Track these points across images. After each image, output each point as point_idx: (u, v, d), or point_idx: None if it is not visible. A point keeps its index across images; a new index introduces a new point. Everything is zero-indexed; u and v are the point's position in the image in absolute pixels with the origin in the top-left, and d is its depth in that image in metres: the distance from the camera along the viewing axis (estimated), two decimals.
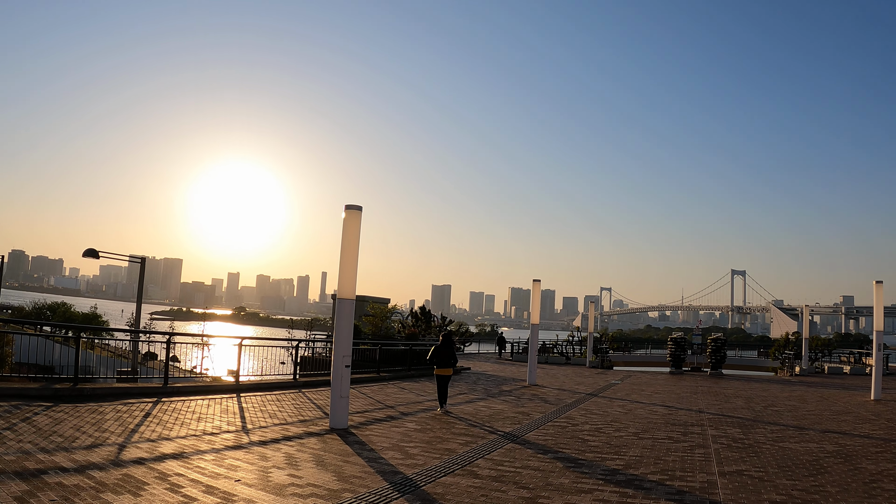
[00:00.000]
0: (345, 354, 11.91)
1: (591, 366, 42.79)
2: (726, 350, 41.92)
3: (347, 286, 12.08)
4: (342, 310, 11.97)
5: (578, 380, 29.41)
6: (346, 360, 11.94)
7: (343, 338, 11.97)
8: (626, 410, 18.05)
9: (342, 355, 11.87)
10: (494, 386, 24.11)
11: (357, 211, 12.43)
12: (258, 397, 16.32)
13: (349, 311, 12.04)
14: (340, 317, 11.99)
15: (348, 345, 12.06)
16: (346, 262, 12.19)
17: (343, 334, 11.99)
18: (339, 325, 11.99)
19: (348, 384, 12.08)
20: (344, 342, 11.98)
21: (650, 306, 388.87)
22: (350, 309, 12.05)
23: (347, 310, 12.03)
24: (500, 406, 17.66)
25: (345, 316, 12.02)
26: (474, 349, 54.79)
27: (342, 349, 11.94)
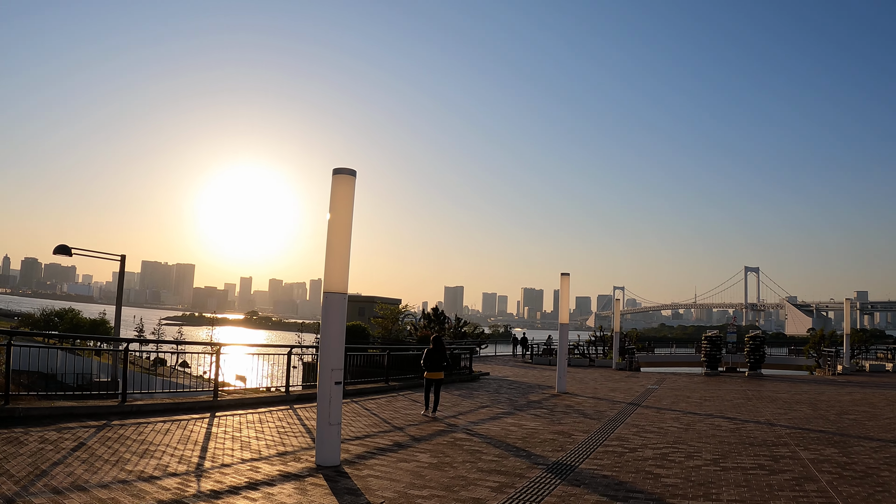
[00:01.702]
0: (335, 367, 8.83)
1: (617, 368, 39.68)
2: (765, 349, 38.72)
3: (337, 275, 9.04)
4: (331, 308, 8.95)
5: (610, 385, 26.32)
6: (337, 375, 8.86)
7: (332, 345, 8.90)
8: (685, 426, 14.94)
9: (331, 368, 8.80)
10: (520, 395, 21.01)
11: (349, 176, 9.39)
12: (237, 417, 13.31)
13: (340, 309, 8.98)
14: (329, 317, 8.96)
15: (339, 355, 8.98)
16: (334, 243, 9.16)
17: (332, 341, 8.91)
18: (328, 328, 8.94)
19: (339, 406, 8.98)
20: (333, 351, 8.91)
21: (663, 305, 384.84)
22: (341, 306, 8.99)
23: (338, 308, 8.98)
24: (533, 423, 14.56)
25: (334, 316, 8.98)
26: (490, 351, 51.64)
27: (331, 360, 8.87)
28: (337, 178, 9.35)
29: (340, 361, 8.89)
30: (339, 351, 8.90)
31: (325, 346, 8.85)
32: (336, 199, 9.28)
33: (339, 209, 9.26)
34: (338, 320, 8.92)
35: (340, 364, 8.87)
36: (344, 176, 9.35)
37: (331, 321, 8.90)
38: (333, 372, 8.76)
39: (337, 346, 8.89)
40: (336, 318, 8.92)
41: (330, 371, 8.74)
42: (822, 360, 43.87)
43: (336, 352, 8.88)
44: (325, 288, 8.96)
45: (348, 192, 9.33)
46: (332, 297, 8.93)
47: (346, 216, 9.26)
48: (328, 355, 8.83)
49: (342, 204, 9.29)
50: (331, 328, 8.88)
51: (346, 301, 8.95)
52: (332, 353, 8.87)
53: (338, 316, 8.93)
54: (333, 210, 9.24)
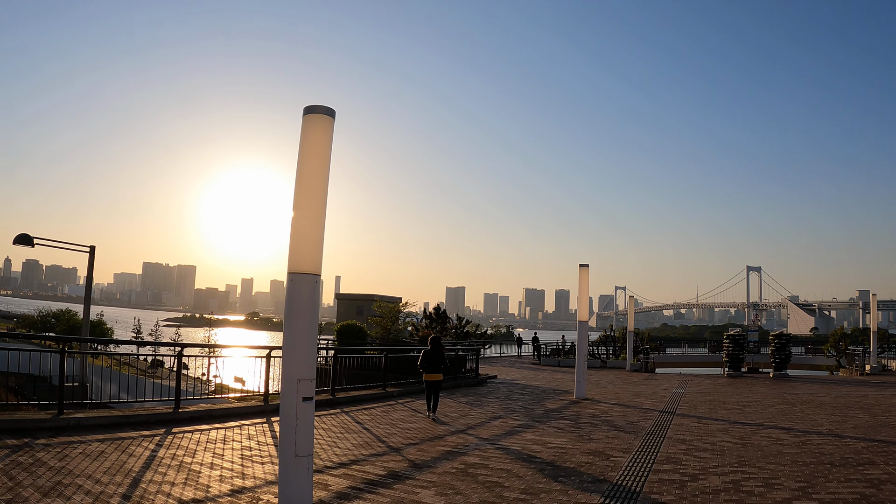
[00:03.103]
0: (303, 378, 6.30)
1: (632, 369, 37.21)
2: (790, 348, 36.27)
3: (307, 250, 6.55)
4: (298, 294, 6.45)
5: (632, 389, 23.88)
6: (307, 389, 6.31)
7: (300, 347, 6.37)
8: (739, 440, 12.48)
9: (297, 379, 6.29)
10: (535, 402, 18.52)
11: (324, 118, 6.92)
12: (198, 435, 10.84)
13: (310, 296, 6.47)
14: (295, 307, 6.45)
15: (310, 360, 6.43)
16: (304, 207, 6.68)
17: (300, 340, 6.38)
18: (294, 322, 6.43)
19: (310, 431, 6.44)
20: (301, 355, 6.37)
21: (665, 304, 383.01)
22: (312, 292, 6.49)
23: (308, 294, 6.48)
24: (558, 440, 12.06)
25: (303, 306, 6.48)
26: (495, 352, 49.20)
27: (298, 368, 6.34)
28: (310, 121, 6.87)
29: (312, 370, 6.37)
30: (309, 354, 6.39)
31: (289, 349, 6.35)
32: (307, 149, 6.80)
33: (311, 162, 6.79)
34: (307, 312, 6.43)
35: (311, 373, 6.35)
36: (318, 117, 6.87)
37: (298, 313, 6.41)
38: (301, 385, 6.24)
39: (306, 347, 6.38)
40: (305, 309, 6.42)
41: (296, 383, 6.23)
42: (848, 359, 41.54)
43: (305, 356, 6.36)
44: (291, 267, 6.47)
45: (323, 139, 6.85)
46: (299, 280, 6.44)
47: (319, 172, 6.79)
48: (294, 361, 6.32)
49: (315, 155, 6.81)
50: (298, 322, 6.38)
51: (318, 285, 6.49)
52: (300, 357, 6.35)
53: (308, 306, 6.44)
54: (304, 162, 6.77)
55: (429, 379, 14.86)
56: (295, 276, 6.43)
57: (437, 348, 15.21)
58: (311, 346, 6.35)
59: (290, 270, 6.46)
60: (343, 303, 49.27)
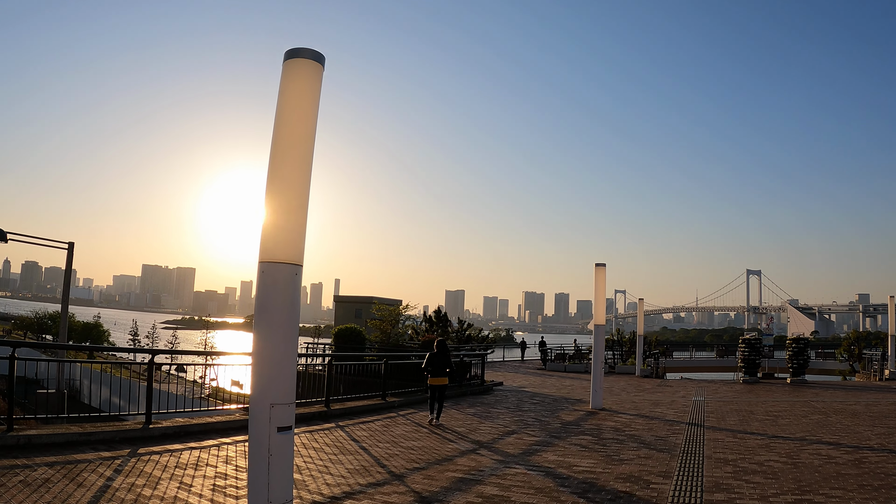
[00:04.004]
0: (278, 402, 4.72)
1: (642, 374, 35.78)
2: (808, 352, 34.79)
3: (284, 235, 5.03)
4: (271, 290, 4.94)
5: (648, 397, 22.36)
6: (284, 416, 4.73)
7: (275, 361, 4.82)
8: (787, 458, 10.99)
9: (270, 403, 4.73)
10: (548, 413, 16.98)
11: (312, 63, 5.38)
12: (167, 457, 9.29)
13: (288, 291, 4.95)
14: (267, 308, 4.94)
15: (288, 377, 4.89)
16: (282, 177, 5.16)
17: (275, 351, 4.83)
18: (266, 327, 4.90)
19: (288, 472, 4.88)
20: (277, 370, 4.82)
21: (665, 308, 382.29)
22: (289, 287, 4.97)
23: (285, 289, 4.95)
24: (584, 461, 10.51)
25: (280, 304, 4.96)
26: (497, 356, 47.65)
27: (271, 387, 4.78)
28: (293, 68, 5.35)
29: (289, 389, 4.83)
30: (286, 369, 4.85)
31: (260, 362, 4.81)
32: (289, 104, 5.27)
33: (293, 122, 5.27)
34: (284, 313, 4.92)
35: (289, 393, 4.81)
36: (304, 63, 5.35)
37: (272, 314, 4.91)
38: (276, 411, 4.70)
39: (283, 360, 4.84)
40: (281, 310, 4.91)
41: (268, 409, 4.68)
42: (866, 363, 40.09)
43: (282, 371, 4.82)
44: (264, 254, 4.96)
45: (309, 91, 5.33)
46: (273, 272, 4.94)
47: (303, 134, 5.26)
48: (266, 378, 4.78)
49: (298, 113, 5.29)
50: (272, 326, 4.85)
51: (298, 279, 4.97)
52: (275, 373, 4.81)
53: (285, 304, 4.92)
54: (283, 123, 5.25)
55: (434, 383, 14.35)
56: (268, 266, 4.93)
57: (442, 352, 14.75)
58: (288, 357, 4.84)
59: (261, 259, 4.94)
60: (341, 305, 47.79)
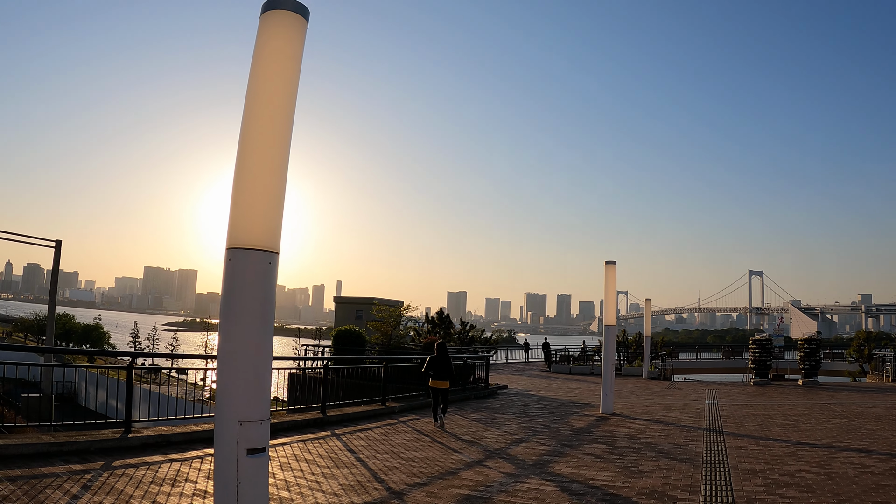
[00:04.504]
0: (247, 419, 3.86)
1: (649, 376, 34.91)
2: (821, 353, 33.89)
3: (257, 214, 4.19)
4: (240, 281, 4.10)
5: (658, 400, 21.51)
6: (256, 435, 3.87)
7: (241, 366, 3.97)
8: (817, 467, 10.17)
9: (237, 420, 3.88)
10: (557, 418, 16.13)
11: (294, 17, 4.54)
12: (147, 470, 8.44)
13: (260, 284, 4.11)
14: (236, 302, 4.09)
15: (259, 388, 4.03)
16: (256, 147, 4.34)
17: (240, 356, 3.98)
18: (234, 325, 4.06)
19: (263, 501, 4.03)
20: (244, 379, 3.97)
21: (667, 309, 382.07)
22: (263, 277, 4.13)
23: (256, 283, 4.12)
24: (601, 473, 9.65)
25: (248, 300, 4.11)
26: (500, 358, 46.76)
27: (239, 400, 3.93)
28: (271, 22, 4.52)
29: (262, 403, 4.01)
30: (258, 378, 4.00)
31: (225, 368, 3.97)
32: (266, 62, 4.44)
33: (271, 82, 4.44)
34: (257, 308, 4.07)
35: (262, 408, 3.98)
36: (284, 16, 4.52)
37: (241, 309, 4.07)
38: (245, 430, 3.86)
39: (254, 367, 3.99)
40: (252, 304, 4.07)
41: (235, 427, 3.84)
42: (877, 364, 39.23)
43: (253, 381, 3.98)
44: (233, 239, 4.12)
45: (291, 48, 4.50)
46: (243, 260, 4.11)
47: (282, 98, 4.43)
48: (234, 389, 3.94)
49: (278, 71, 4.46)
50: (240, 324, 4.02)
51: (274, 268, 4.14)
52: (245, 383, 3.97)
53: (258, 298, 4.08)
54: (259, 83, 4.42)
55: (435, 386, 14.29)
56: (237, 253, 4.09)
57: (443, 354, 14.60)
58: (261, 364, 3.99)
59: (229, 245, 4.11)
60: (341, 307, 46.94)
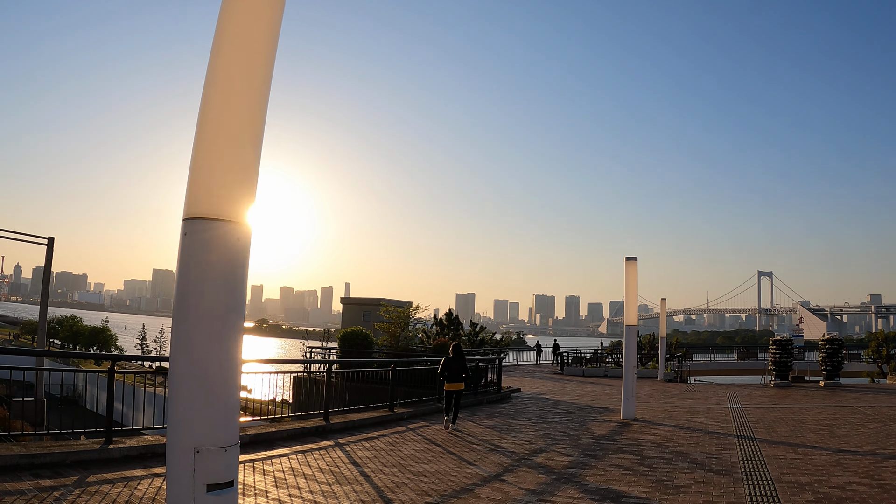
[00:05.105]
0: (204, 444, 2.95)
1: (665, 379, 33.87)
2: (843, 354, 32.82)
3: (221, 177, 3.26)
4: (200, 259, 3.17)
5: (679, 404, 20.50)
6: (217, 468, 2.97)
7: (198, 372, 3.04)
8: (868, 479, 9.24)
9: (193, 447, 2.95)
10: (576, 424, 15.15)
11: None
12: (123, 487, 7.52)
13: (228, 260, 3.19)
14: (193, 285, 3.18)
15: (226, 403, 3.12)
16: (224, 95, 3.42)
17: (197, 360, 3.05)
18: (191, 315, 3.14)
19: None
20: (202, 389, 3.05)
21: (676, 310, 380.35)
22: (230, 252, 3.20)
23: (222, 261, 3.19)
24: (634, 488, 8.63)
25: (214, 278, 3.18)
26: (511, 360, 45.73)
27: (195, 419, 3.02)
28: None
29: (229, 424, 3.07)
30: (224, 391, 3.07)
31: (180, 378, 3.03)
32: None
33: (248, 9, 3.48)
34: (224, 295, 3.19)
35: (229, 430, 3.06)
36: None
37: (203, 297, 3.16)
38: (204, 458, 2.93)
39: (220, 377, 3.06)
40: (218, 290, 3.17)
41: (191, 455, 2.92)
42: (892, 366, 38.15)
43: (215, 394, 3.05)
44: (191, 208, 3.21)
45: None
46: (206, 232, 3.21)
47: (261, 30, 3.52)
48: (190, 404, 3.02)
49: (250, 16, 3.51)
50: (202, 323, 3.10)
51: (243, 244, 3.21)
52: (205, 396, 3.05)
53: (223, 283, 3.18)
54: (232, 11, 3.46)
55: (450, 388, 14.15)
56: (196, 225, 3.16)
57: (458, 356, 14.40)
58: (226, 370, 3.04)
59: (187, 215, 3.18)
60: (349, 308, 46.18)
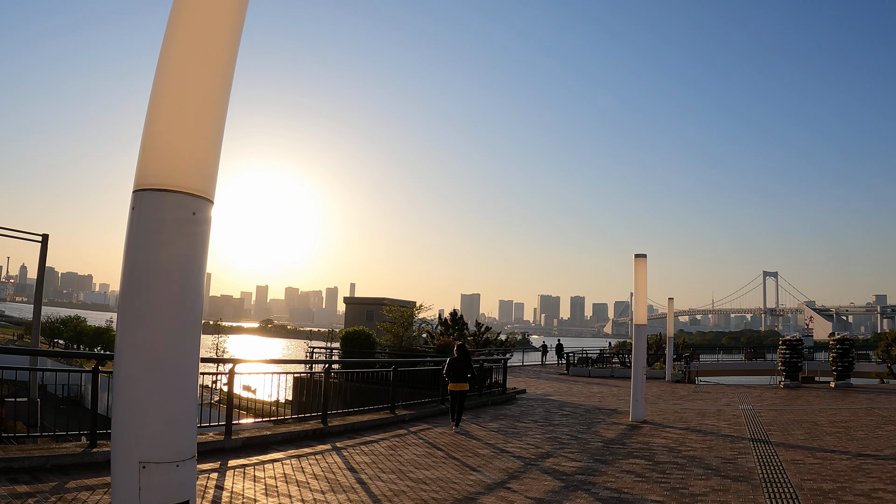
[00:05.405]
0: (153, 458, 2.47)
1: (673, 379, 33.39)
2: (855, 353, 32.21)
3: (186, 136, 2.79)
4: (155, 231, 2.71)
5: (689, 405, 19.98)
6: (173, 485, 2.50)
7: (152, 370, 2.58)
8: (894, 485, 8.66)
9: (139, 461, 2.47)
10: (583, 427, 14.65)
11: None
12: (105, 495, 7.06)
13: (183, 237, 2.73)
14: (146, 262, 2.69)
15: (180, 408, 2.64)
16: (184, 48, 2.89)
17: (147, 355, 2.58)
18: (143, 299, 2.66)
19: None
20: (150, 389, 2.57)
21: (681, 311, 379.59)
22: (187, 228, 2.75)
23: (176, 238, 2.73)
24: (648, 496, 8.13)
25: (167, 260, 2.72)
26: (516, 360, 45.21)
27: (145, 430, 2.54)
28: None
29: (184, 434, 2.60)
30: (177, 396, 2.60)
31: (125, 379, 2.56)
32: None
33: None
34: (177, 283, 2.69)
35: (185, 442, 2.58)
36: None
37: (154, 282, 2.68)
38: (151, 474, 2.47)
39: (171, 379, 2.58)
40: (170, 277, 2.68)
41: (136, 470, 2.45)
42: None
43: (166, 399, 2.57)
44: (141, 178, 2.72)
45: None
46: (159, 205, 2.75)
47: None
48: (136, 411, 2.54)
49: None
50: (151, 312, 2.62)
51: (202, 218, 2.75)
52: (153, 401, 2.56)
53: (177, 265, 2.70)
54: None
55: (454, 389, 13.97)
56: (148, 196, 2.69)
57: (463, 356, 14.15)
58: (179, 372, 2.57)
59: (138, 186, 2.71)
60: (352, 307, 45.69)
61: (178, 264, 2.85)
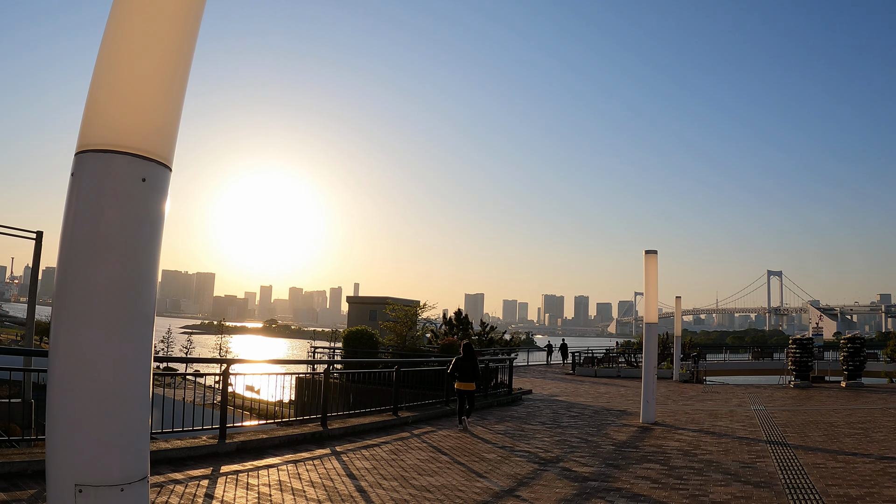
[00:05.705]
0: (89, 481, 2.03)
1: (681, 379, 32.86)
2: (866, 353, 31.69)
3: (140, 92, 2.32)
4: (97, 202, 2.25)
5: (700, 406, 19.48)
6: None
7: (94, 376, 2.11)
8: None
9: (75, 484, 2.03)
10: (593, 429, 14.14)
11: None
12: None
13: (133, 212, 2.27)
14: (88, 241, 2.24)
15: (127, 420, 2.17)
16: None
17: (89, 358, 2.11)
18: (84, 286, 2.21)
19: None
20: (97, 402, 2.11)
21: (685, 310, 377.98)
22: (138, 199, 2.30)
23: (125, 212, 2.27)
24: (670, 502, 7.69)
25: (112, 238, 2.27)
26: (521, 360, 44.67)
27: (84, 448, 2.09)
28: None
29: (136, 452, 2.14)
30: (123, 403, 2.13)
31: (61, 387, 2.11)
32: None
33: None
34: (123, 266, 2.24)
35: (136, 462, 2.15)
36: None
37: (98, 266, 2.23)
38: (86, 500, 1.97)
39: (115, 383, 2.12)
40: (115, 259, 2.23)
41: (72, 495, 2.03)
42: None
43: (111, 406, 2.11)
44: (84, 139, 2.26)
45: None
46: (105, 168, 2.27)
47: None
48: (73, 420, 2.11)
49: None
50: (91, 305, 2.17)
51: (158, 185, 2.29)
52: (94, 413, 2.13)
53: (126, 245, 2.26)
54: None
55: (461, 388, 13.86)
56: (91, 158, 2.23)
57: (469, 356, 14.03)
58: (125, 377, 2.11)
59: (81, 147, 2.24)
60: (355, 307, 45.19)
61: (125, 241, 2.36)
